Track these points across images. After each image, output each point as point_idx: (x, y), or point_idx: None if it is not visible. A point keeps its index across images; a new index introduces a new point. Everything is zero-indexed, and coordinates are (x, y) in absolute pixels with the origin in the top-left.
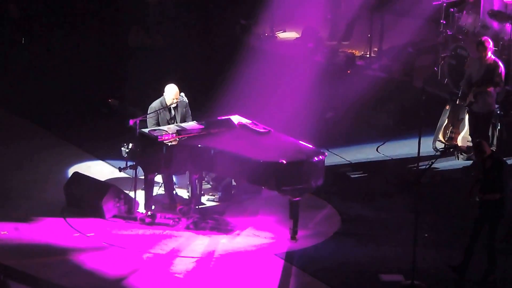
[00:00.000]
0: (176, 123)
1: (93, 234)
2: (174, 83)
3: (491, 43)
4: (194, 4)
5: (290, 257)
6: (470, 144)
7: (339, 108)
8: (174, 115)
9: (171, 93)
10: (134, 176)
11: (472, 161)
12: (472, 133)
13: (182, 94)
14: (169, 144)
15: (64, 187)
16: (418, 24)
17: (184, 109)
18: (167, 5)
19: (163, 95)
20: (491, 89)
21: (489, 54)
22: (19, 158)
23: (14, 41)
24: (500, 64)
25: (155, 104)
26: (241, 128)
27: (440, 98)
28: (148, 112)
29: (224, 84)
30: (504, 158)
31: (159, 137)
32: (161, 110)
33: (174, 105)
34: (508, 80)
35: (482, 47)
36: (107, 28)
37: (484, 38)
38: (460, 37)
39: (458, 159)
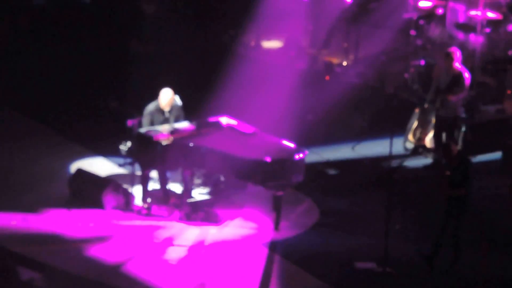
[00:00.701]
0: (170, 123)
1: (93, 224)
2: (169, 86)
3: (458, 53)
4: (186, 15)
5: (273, 246)
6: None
7: (318, 111)
8: (168, 116)
9: (165, 98)
10: (132, 171)
11: (436, 160)
12: (435, 135)
13: (177, 96)
14: (164, 143)
15: (68, 181)
16: (390, 35)
17: (177, 111)
18: (162, 16)
19: (158, 98)
20: (451, 97)
21: (456, 64)
22: (27, 154)
23: (24, 49)
24: (465, 74)
25: (151, 106)
26: (229, 129)
27: (409, 103)
28: (144, 114)
29: (214, 87)
30: (470, 157)
31: (154, 136)
32: (155, 112)
33: (168, 109)
34: (472, 86)
35: (449, 58)
36: (107, 36)
37: (452, 49)
38: (429, 47)
39: (426, 158)
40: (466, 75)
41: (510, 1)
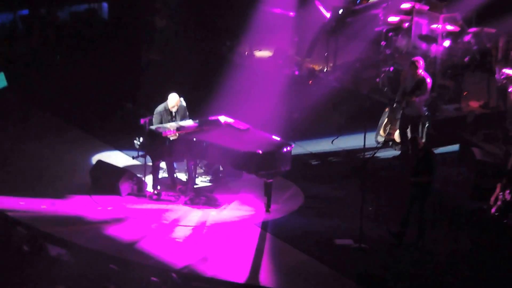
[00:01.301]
0: (176, 121)
1: (111, 207)
2: (175, 90)
3: (421, 62)
4: (191, 29)
5: (265, 226)
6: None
7: (302, 110)
8: (175, 115)
9: (173, 101)
10: (144, 163)
11: (403, 152)
12: (401, 131)
13: (181, 98)
14: (171, 138)
15: (90, 171)
16: (364, 45)
17: (182, 111)
18: (170, 29)
19: (166, 100)
20: (415, 98)
21: (420, 71)
22: (54, 148)
23: (52, 59)
24: (428, 79)
25: (160, 107)
26: (227, 126)
27: (380, 103)
28: (154, 113)
29: (213, 91)
30: (432, 149)
31: (163, 132)
32: (164, 112)
33: (175, 110)
34: (434, 89)
35: (414, 66)
36: (123, 47)
37: (416, 58)
38: (396, 55)
39: (395, 150)
40: (428, 80)
41: (465, 16)
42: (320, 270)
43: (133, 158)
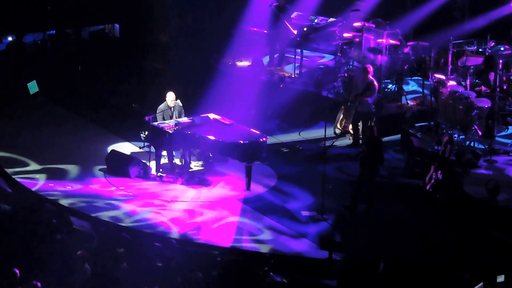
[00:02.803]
0: (174, 118)
1: (123, 187)
2: (172, 91)
3: (371, 68)
4: (186, 44)
5: (246, 201)
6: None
7: (275, 109)
8: (174, 113)
9: (169, 97)
10: (148, 151)
11: (355, 141)
12: (353, 124)
13: (178, 100)
14: (170, 131)
15: (106, 158)
16: (323, 56)
17: (179, 110)
18: (171, 43)
19: (165, 100)
20: (366, 98)
21: (369, 76)
22: (76, 140)
23: (74, 69)
24: (375, 82)
25: (162, 106)
26: (215, 121)
27: (337, 102)
28: (157, 112)
29: (204, 93)
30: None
31: (163, 127)
32: (165, 110)
33: (172, 106)
34: (380, 90)
35: (365, 71)
36: (132, 58)
37: (367, 65)
38: (350, 64)
39: (349, 140)
40: (375, 83)
41: (404, 32)
42: (291, 236)
43: (140, 148)
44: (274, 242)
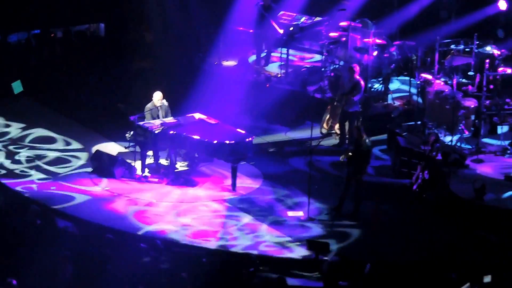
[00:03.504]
0: (161, 118)
1: (109, 187)
2: (159, 91)
3: (357, 68)
4: (172, 43)
5: (232, 202)
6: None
7: (261, 108)
8: (160, 112)
9: (156, 97)
10: (134, 151)
11: (341, 140)
12: (340, 124)
13: (164, 100)
14: (156, 131)
15: (90, 158)
16: (310, 56)
17: (166, 109)
18: (156, 42)
19: (152, 99)
20: (352, 97)
21: (356, 75)
22: (61, 140)
23: (59, 68)
24: (361, 82)
25: (149, 105)
26: (200, 121)
27: (324, 101)
28: (145, 111)
29: (190, 93)
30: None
31: (149, 127)
32: (152, 109)
33: (159, 105)
34: (366, 90)
35: (351, 71)
36: (117, 57)
37: (353, 65)
38: (336, 63)
39: (335, 140)
40: (362, 83)
41: (390, 32)
42: (277, 236)
43: (125, 148)
44: (260, 243)
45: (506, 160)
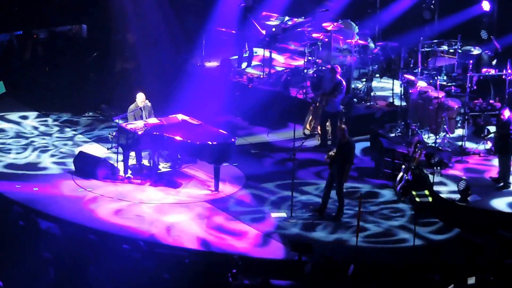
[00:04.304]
0: (144, 119)
1: (91, 189)
2: (142, 92)
3: (339, 68)
4: (155, 44)
5: (215, 202)
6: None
7: (243, 109)
8: (143, 113)
9: (140, 98)
10: (116, 152)
11: (323, 141)
12: (321, 125)
13: (147, 101)
14: (138, 133)
15: (73, 159)
16: (293, 57)
17: (149, 110)
18: (139, 43)
19: (135, 100)
20: (333, 98)
21: (337, 76)
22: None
23: (41, 69)
24: (343, 82)
25: (132, 106)
26: (183, 122)
27: (306, 102)
28: (128, 112)
29: (173, 94)
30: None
31: (131, 129)
32: (135, 110)
33: (142, 106)
34: (349, 91)
35: (333, 71)
36: (100, 58)
37: (335, 66)
38: (319, 63)
39: (318, 141)
40: (344, 83)
41: (373, 33)
42: (260, 237)
43: (108, 149)
44: (243, 244)
45: (490, 162)
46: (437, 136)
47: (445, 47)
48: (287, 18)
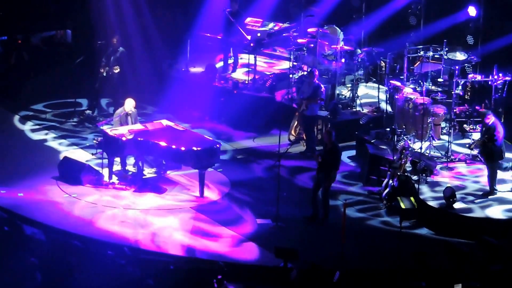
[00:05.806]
0: (129, 124)
1: (76, 194)
2: (132, 99)
3: (317, 72)
4: (140, 50)
5: (199, 208)
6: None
7: (229, 115)
8: (129, 119)
9: (129, 104)
10: (101, 158)
11: (309, 147)
12: (305, 130)
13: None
14: (123, 138)
15: (58, 165)
16: (277, 62)
17: (134, 116)
18: (124, 49)
19: (123, 105)
20: (312, 102)
21: (315, 80)
22: (28, 146)
23: (26, 74)
24: (322, 85)
25: (119, 111)
26: (168, 127)
27: (291, 108)
28: (114, 117)
29: (158, 99)
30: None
31: (116, 135)
32: (121, 115)
33: (130, 112)
34: (334, 96)
35: (311, 75)
36: (84, 64)
37: (313, 69)
38: (304, 68)
39: (303, 146)
40: (323, 87)
41: (358, 38)
42: (245, 244)
43: (93, 154)
44: (228, 250)
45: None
46: (423, 142)
47: (430, 53)
48: (272, 24)
